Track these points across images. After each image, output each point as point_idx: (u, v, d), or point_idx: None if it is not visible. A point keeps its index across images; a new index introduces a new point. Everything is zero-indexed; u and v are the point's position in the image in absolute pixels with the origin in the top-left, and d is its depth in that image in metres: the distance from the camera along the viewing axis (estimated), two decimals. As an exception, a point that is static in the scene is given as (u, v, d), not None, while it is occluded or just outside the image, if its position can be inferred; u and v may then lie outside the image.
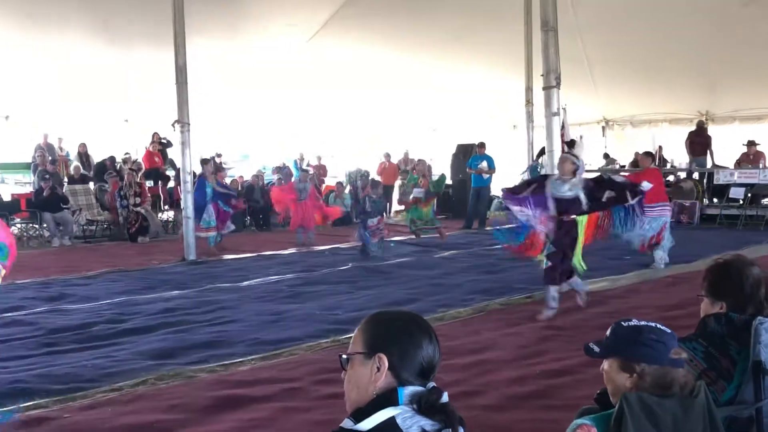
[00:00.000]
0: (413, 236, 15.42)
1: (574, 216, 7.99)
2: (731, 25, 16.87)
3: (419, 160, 16.95)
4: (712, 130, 20.31)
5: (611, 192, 7.97)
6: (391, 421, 1.96)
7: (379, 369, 2.03)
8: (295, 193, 15.00)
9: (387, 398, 2.00)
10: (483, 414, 4.98)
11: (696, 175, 18.95)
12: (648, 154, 12.67)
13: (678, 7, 16.55)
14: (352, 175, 24.08)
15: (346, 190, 21.30)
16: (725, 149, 19.01)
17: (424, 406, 1.98)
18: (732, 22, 16.77)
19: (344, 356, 2.12)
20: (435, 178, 17.43)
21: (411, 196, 15.17)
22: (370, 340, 2.08)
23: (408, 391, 2.01)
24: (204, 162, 15.19)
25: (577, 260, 8.49)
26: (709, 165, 18.92)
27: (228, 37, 18.34)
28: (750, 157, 17.83)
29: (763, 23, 16.47)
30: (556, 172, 9.19)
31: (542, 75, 9.54)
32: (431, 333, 2.13)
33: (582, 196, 7.80)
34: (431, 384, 2.08)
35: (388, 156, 23.20)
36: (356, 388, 2.07)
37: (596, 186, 8.02)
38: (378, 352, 2.03)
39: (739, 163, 17.82)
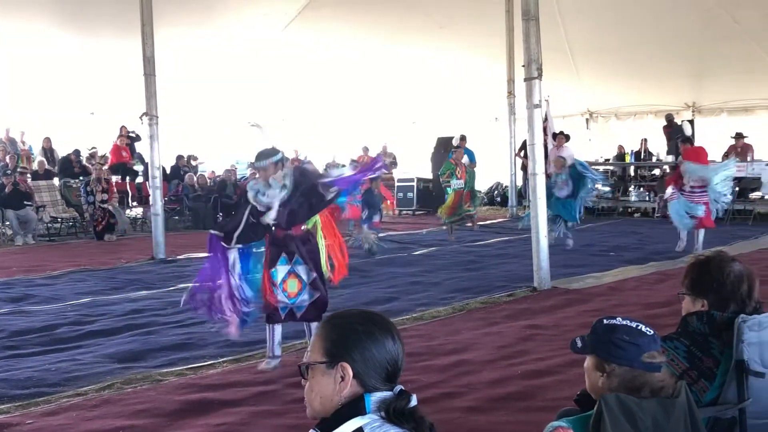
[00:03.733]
0: (447, 229, 14.84)
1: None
2: (719, 15, 16.91)
3: (457, 146, 15.25)
4: (699, 121, 20.35)
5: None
6: None
7: (343, 378, 1.93)
8: None
9: (353, 407, 1.92)
10: (463, 416, 4.91)
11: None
12: (687, 139, 12.84)
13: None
14: (328, 168, 23.91)
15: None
16: (713, 142, 18.98)
17: (393, 413, 1.88)
18: (719, 11, 16.80)
19: (303, 365, 2.03)
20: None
21: (451, 189, 14.56)
22: (330, 348, 1.98)
23: (375, 398, 1.93)
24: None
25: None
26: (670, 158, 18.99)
27: (199, 26, 18.00)
28: (738, 150, 17.77)
29: (751, 13, 16.49)
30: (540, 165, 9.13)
31: (523, 66, 9.39)
32: (393, 332, 2.01)
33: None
34: (398, 387, 1.98)
35: (366, 149, 23.04)
36: (319, 398, 1.99)
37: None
38: (340, 361, 1.95)
39: (727, 156, 17.79)
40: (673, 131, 18.94)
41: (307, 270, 6.09)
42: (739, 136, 17.51)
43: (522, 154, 16.55)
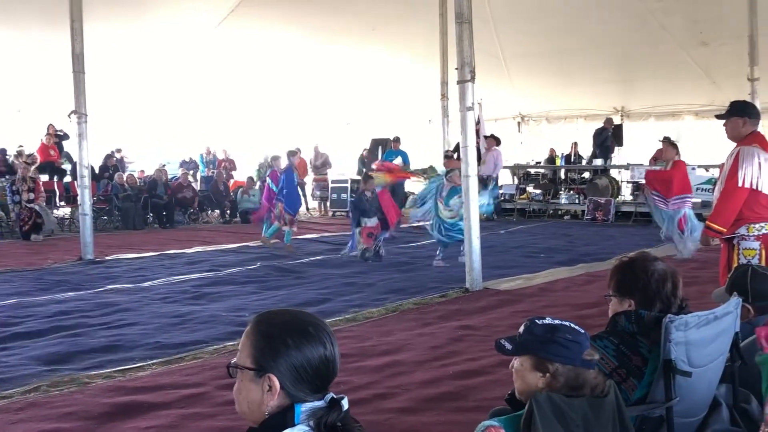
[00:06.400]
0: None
1: None
2: (647, 21, 17.23)
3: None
4: (627, 126, 20.80)
5: None
6: None
7: (270, 389, 1.88)
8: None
9: (282, 418, 1.86)
10: (395, 417, 4.92)
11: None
12: (673, 144, 12.51)
13: (593, 2, 16.79)
14: (262, 168, 23.74)
15: (256, 186, 20.95)
16: (641, 146, 19.41)
17: (324, 428, 1.84)
18: (648, 17, 17.11)
19: (231, 367, 1.97)
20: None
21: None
22: (258, 356, 1.91)
23: (305, 408, 1.88)
24: (292, 154, 14.53)
25: None
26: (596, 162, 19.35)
27: (130, 22, 17.63)
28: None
29: (678, 19, 16.87)
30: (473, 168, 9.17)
31: (456, 69, 9.45)
32: (325, 337, 1.95)
33: None
34: (329, 395, 1.92)
35: (298, 150, 22.96)
36: (247, 403, 1.94)
37: None
38: (267, 372, 1.88)
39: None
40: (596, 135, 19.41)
41: None
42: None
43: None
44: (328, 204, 22.53)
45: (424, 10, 16.30)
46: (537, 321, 2.65)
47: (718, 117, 6.03)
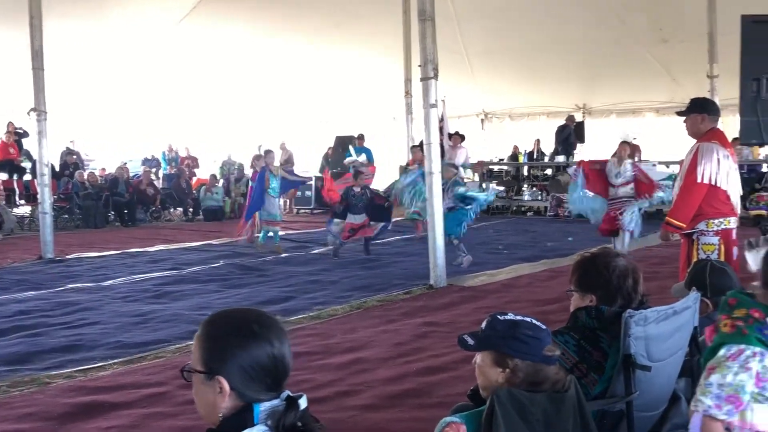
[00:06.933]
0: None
1: None
2: (609, 19, 17.36)
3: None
4: (589, 123, 20.97)
5: None
6: None
7: (221, 391, 1.87)
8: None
9: (240, 419, 1.85)
10: (358, 414, 4.93)
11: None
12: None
13: (555, 0, 16.90)
14: (225, 166, 23.63)
15: (219, 183, 20.83)
16: (603, 143, 19.53)
17: (282, 428, 1.83)
18: (610, 15, 17.25)
19: (184, 371, 1.97)
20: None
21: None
22: (207, 358, 1.91)
23: (264, 407, 1.87)
24: (267, 153, 14.26)
25: None
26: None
27: (90, 18, 17.39)
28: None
29: (640, 17, 17.02)
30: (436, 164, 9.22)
31: (420, 66, 9.47)
32: (274, 336, 1.94)
33: None
34: (285, 393, 1.92)
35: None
36: (203, 404, 1.94)
37: None
38: (216, 374, 1.88)
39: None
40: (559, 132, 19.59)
41: None
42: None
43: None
44: (292, 202, 22.46)
45: (388, 7, 16.29)
46: (499, 317, 2.66)
47: (679, 114, 6.10)
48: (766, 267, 2.36)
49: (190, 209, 20.43)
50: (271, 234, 13.20)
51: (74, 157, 20.53)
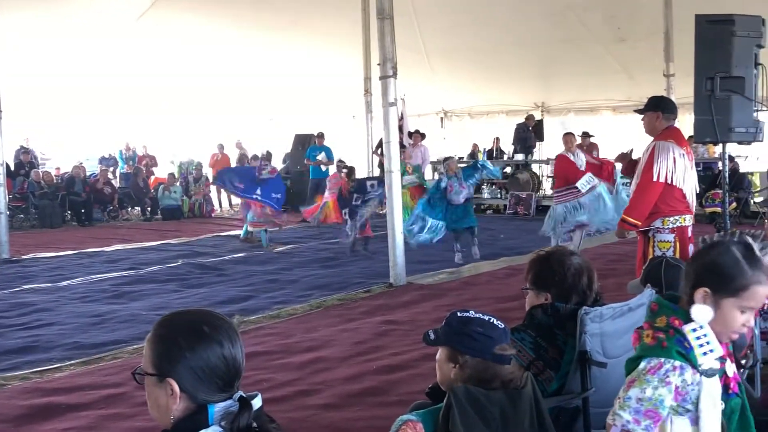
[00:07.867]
0: None
1: None
2: (566, 17, 17.44)
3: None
4: (548, 121, 21.13)
5: None
6: None
7: (172, 393, 1.86)
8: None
9: (194, 420, 1.85)
10: (319, 413, 4.94)
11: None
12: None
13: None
14: (183, 165, 23.40)
15: (177, 183, 20.62)
16: (561, 141, 19.70)
17: (237, 429, 1.83)
18: (567, 14, 17.33)
19: (135, 374, 1.95)
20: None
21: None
22: (157, 361, 1.90)
23: (218, 408, 1.87)
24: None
25: None
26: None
27: (44, 13, 17.09)
28: (584, 149, 18.50)
29: (597, 15, 17.16)
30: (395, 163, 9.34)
31: (379, 64, 9.47)
32: (223, 335, 1.92)
33: None
34: (238, 394, 1.91)
35: (221, 147, 22.73)
36: (156, 407, 1.92)
37: None
38: (166, 376, 1.87)
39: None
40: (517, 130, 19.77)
41: None
42: (585, 135, 18.24)
43: (379, 152, 16.70)
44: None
45: (347, 5, 16.26)
46: (457, 314, 2.70)
47: (638, 112, 6.18)
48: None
49: (148, 208, 20.20)
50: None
51: (29, 155, 20.20)
